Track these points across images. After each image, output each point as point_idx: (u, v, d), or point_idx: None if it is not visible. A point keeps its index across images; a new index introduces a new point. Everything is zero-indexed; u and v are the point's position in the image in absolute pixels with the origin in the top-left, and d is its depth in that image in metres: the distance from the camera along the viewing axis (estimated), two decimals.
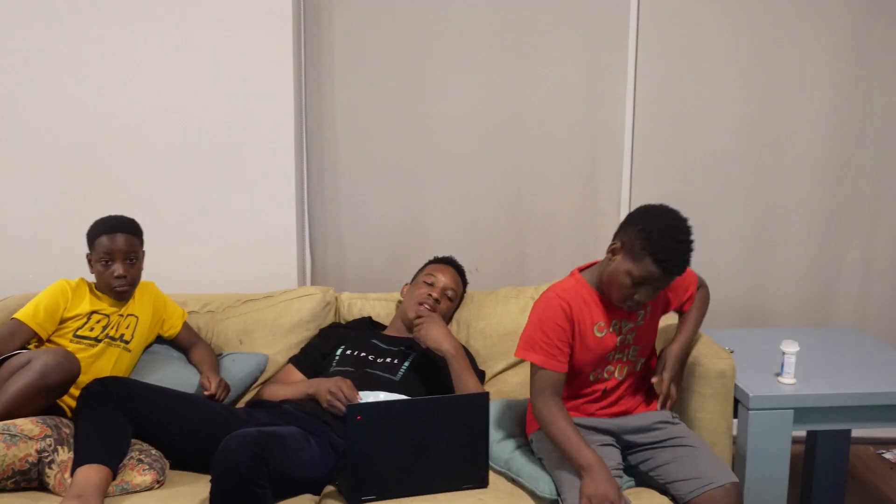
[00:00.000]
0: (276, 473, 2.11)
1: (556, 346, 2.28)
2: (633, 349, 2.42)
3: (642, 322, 2.41)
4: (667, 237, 2.19)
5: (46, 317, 2.59)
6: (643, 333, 2.43)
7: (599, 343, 2.34)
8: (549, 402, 2.28)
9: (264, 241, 3.29)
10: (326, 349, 2.82)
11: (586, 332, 2.32)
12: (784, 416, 2.47)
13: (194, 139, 3.21)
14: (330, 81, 3.41)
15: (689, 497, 2.20)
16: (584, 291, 2.35)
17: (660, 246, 2.17)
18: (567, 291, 2.34)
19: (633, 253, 2.20)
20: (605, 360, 2.38)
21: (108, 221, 2.67)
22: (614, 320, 2.35)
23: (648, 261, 2.18)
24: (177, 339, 2.87)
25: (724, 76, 3.45)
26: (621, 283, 2.23)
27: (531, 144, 3.49)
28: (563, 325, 2.29)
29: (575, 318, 2.30)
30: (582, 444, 2.21)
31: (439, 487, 2.28)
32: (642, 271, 2.19)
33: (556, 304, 2.31)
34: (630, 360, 2.42)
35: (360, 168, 3.48)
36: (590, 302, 2.34)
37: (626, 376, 2.43)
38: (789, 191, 3.53)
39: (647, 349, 2.47)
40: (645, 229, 2.21)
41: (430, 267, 2.96)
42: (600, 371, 2.40)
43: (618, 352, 2.38)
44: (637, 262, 2.20)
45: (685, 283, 2.49)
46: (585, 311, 2.33)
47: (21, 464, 2.21)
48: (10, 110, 3.16)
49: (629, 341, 2.40)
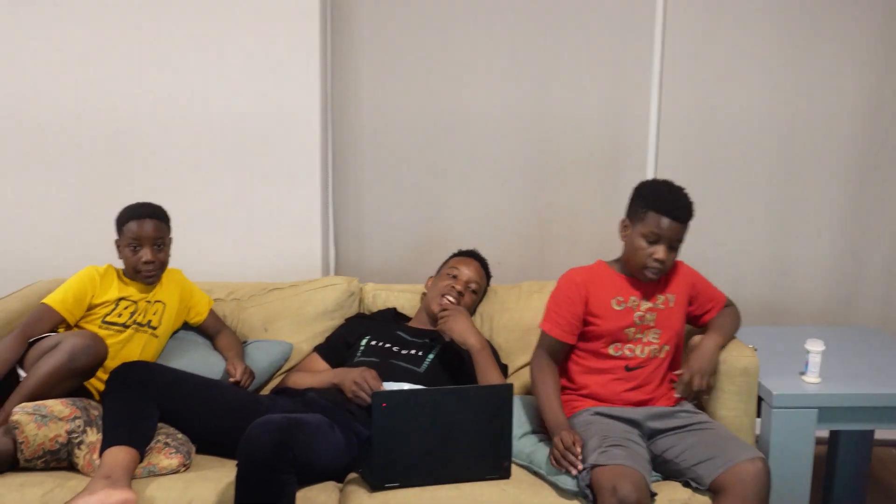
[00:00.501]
0: (300, 460, 2.13)
1: (564, 317, 2.48)
2: (654, 332, 2.48)
3: (662, 306, 2.49)
4: (660, 190, 2.44)
5: (75, 303, 2.62)
6: (664, 319, 2.49)
7: (618, 316, 2.47)
8: (542, 363, 2.49)
9: (289, 231, 3.31)
10: (351, 339, 2.83)
11: (605, 303, 2.47)
12: (808, 416, 2.47)
13: (222, 129, 3.24)
14: (356, 75, 3.42)
15: (716, 474, 2.19)
16: (605, 271, 2.53)
17: (655, 198, 2.41)
18: (585, 270, 2.55)
19: (637, 217, 2.43)
20: (624, 335, 2.47)
21: (136, 207, 2.70)
22: (633, 297, 2.48)
23: (651, 214, 2.39)
24: (203, 325, 2.90)
25: (750, 71, 3.44)
26: (638, 248, 2.42)
27: (555, 138, 3.50)
28: (574, 298, 2.48)
29: (590, 292, 2.48)
30: (557, 408, 2.40)
31: (462, 477, 2.29)
32: (650, 226, 2.39)
33: (570, 278, 2.52)
34: (651, 342, 2.48)
35: (384, 161, 3.50)
36: (609, 279, 2.51)
37: (649, 358, 2.48)
38: (814, 188, 3.53)
39: (670, 337, 2.51)
40: (639, 193, 2.47)
41: (454, 260, 2.97)
42: (621, 346, 2.48)
43: (637, 331, 2.47)
44: (642, 222, 2.41)
45: (707, 287, 2.62)
46: (604, 286, 2.50)
47: (51, 444, 2.24)
48: (41, 98, 3.19)
49: (649, 322, 2.48)
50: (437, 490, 2.25)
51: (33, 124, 3.20)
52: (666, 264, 2.41)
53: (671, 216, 2.38)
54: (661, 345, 2.50)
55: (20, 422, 2.22)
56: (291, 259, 3.32)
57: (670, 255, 2.41)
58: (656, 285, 2.52)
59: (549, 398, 2.43)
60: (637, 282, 2.50)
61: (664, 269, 2.43)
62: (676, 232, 2.40)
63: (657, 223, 2.38)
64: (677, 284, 2.54)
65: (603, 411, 2.43)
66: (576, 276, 2.52)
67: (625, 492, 2.07)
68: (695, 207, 2.43)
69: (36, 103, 3.19)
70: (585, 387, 2.51)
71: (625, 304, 2.48)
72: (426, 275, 3.07)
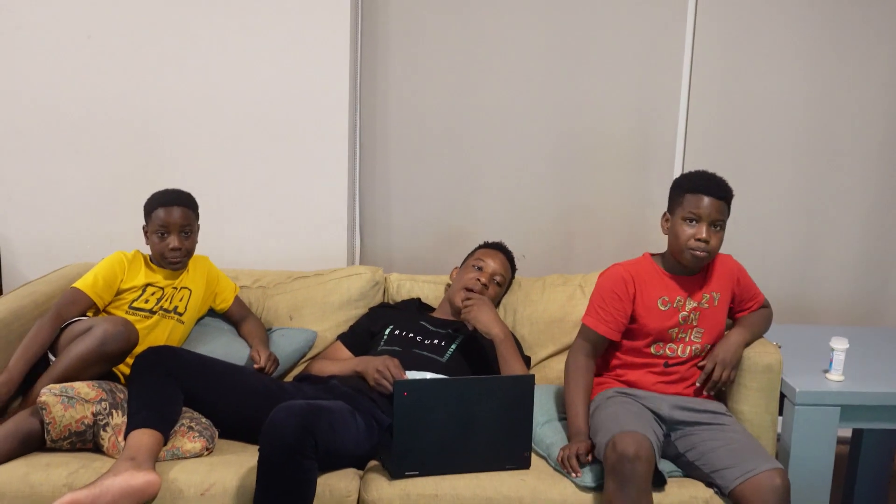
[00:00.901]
0: (322, 445, 2.14)
1: (610, 314, 2.45)
2: (697, 331, 2.48)
3: (707, 305, 2.47)
4: (695, 175, 2.44)
5: (105, 287, 2.65)
6: (708, 318, 2.48)
7: (663, 316, 2.45)
8: (580, 364, 2.46)
9: (316, 221, 3.34)
10: (375, 328, 2.85)
11: (651, 302, 2.45)
12: (830, 413, 2.45)
13: (250, 119, 3.26)
14: (384, 66, 3.43)
15: (734, 485, 2.20)
16: (651, 268, 2.50)
17: (690, 181, 2.42)
18: (633, 265, 2.51)
19: (676, 203, 2.43)
20: (668, 335, 2.46)
21: (165, 194, 2.73)
22: (678, 297, 2.46)
23: (688, 196, 2.39)
24: (228, 312, 2.92)
25: (780, 65, 3.41)
26: (681, 232, 2.40)
27: (583, 131, 3.49)
28: (621, 295, 2.45)
29: (638, 289, 2.46)
30: (582, 414, 2.39)
31: (482, 466, 2.31)
32: (689, 207, 2.38)
33: (618, 274, 2.49)
34: (694, 342, 2.48)
35: (410, 152, 3.51)
36: (655, 277, 2.48)
37: (691, 357, 2.48)
38: (843, 185, 3.50)
39: (713, 336, 2.50)
40: (676, 184, 2.47)
41: (480, 251, 2.97)
42: (662, 346, 2.48)
43: (681, 330, 2.46)
44: (682, 205, 2.40)
45: (750, 286, 2.59)
46: (650, 284, 2.47)
47: (77, 425, 2.27)
48: (72, 84, 3.23)
49: (692, 321, 2.47)
50: (456, 479, 2.26)
51: (63, 112, 3.24)
52: (710, 245, 2.37)
53: (708, 193, 2.36)
54: (703, 344, 2.48)
55: (47, 403, 2.25)
56: (317, 248, 3.34)
57: (714, 236, 2.38)
58: (701, 282, 2.48)
59: (576, 402, 2.41)
60: (683, 279, 2.47)
61: (709, 251, 2.38)
62: (717, 209, 2.36)
63: (695, 203, 2.36)
64: (723, 281, 2.51)
65: (627, 391, 2.46)
66: (623, 272, 2.48)
67: (623, 445, 2.11)
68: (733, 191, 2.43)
69: (64, 89, 3.23)
70: (621, 376, 2.52)
71: (670, 304, 2.46)
72: (451, 266, 3.08)
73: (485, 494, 2.23)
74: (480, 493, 2.23)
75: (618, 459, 2.11)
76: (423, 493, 2.23)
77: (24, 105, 3.23)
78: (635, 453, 2.10)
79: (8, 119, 3.24)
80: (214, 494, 2.19)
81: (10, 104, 3.23)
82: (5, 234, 3.31)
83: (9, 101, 3.23)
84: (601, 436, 2.25)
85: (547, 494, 2.25)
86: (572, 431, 2.39)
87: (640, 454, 2.10)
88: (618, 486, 2.11)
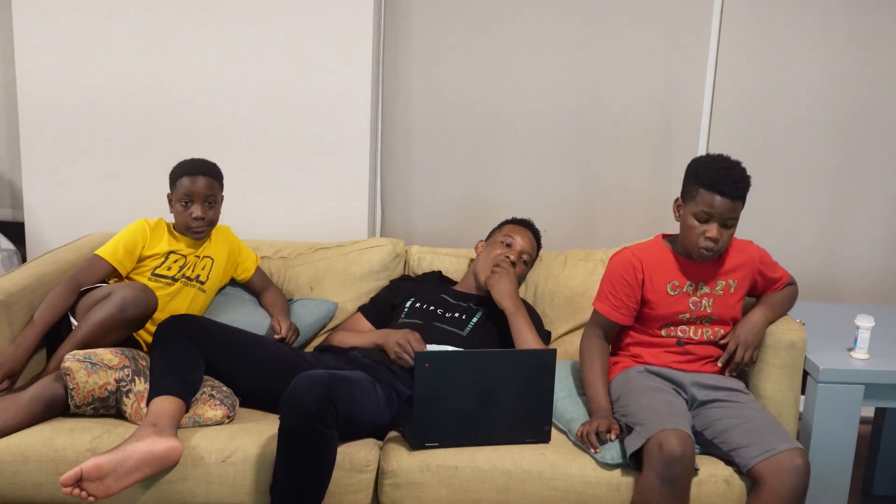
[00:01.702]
0: (342, 415, 2.14)
1: (619, 299, 2.44)
2: (710, 318, 2.44)
3: (722, 293, 2.43)
4: (712, 167, 2.32)
5: (126, 254, 2.66)
6: (723, 305, 2.44)
7: (672, 301, 2.41)
8: (593, 344, 2.47)
9: (337, 193, 3.33)
10: (396, 300, 2.85)
11: (660, 288, 2.41)
12: (854, 392, 2.43)
13: (274, 90, 3.25)
14: (407, 40, 3.41)
15: (753, 463, 2.18)
16: (662, 252, 2.45)
17: (706, 175, 2.31)
18: (643, 250, 2.46)
19: (690, 195, 2.34)
20: (678, 320, 2.43)
21: (190, 164, 2.73)
22: (689, 282, 2.42)
23: (703, 192, 2.30)
24: (249, 282, 2.93)
25: (809, 43, 3.37)
26: (690, 227, 2.34)
27: (606, 108, 3.46)
28: (630, 281, 2.42)
29: (647, 274, 2.42)
30: (602, 392, 2.39)
31: (501, 439, 2.31)
32: (701, 204, 2.30)
33: (627, 259, 2.45)
34: (704, 325, 2.45)
35: (432, 125, 3.49)
36: (665, 262, 2.44)
37: (703, 341, 2.46)
38: (870, 163, 3.46)
39: (726, 324, 2.47)
40: (691, 171, 2.38)
41: (508, 227, 2.95)
42: (674, 329, 2.45)
43: (693, 316, 2.43)
44: (695, 199, 2.32)
45: (774, 269, 2.53)
46: (659, 269, 2.42)
47: (101, 391, 2.29)
48: (96, 54, 3.22)
49: (706, 308, 2.43)
50: (476, 451, 2.27)
51: (86, 82, 3.24)
52: (720, 243, 2.33)
53: (722, 193, 2.27)
54: (714, 329, 2.46)
55: (71, 369, 2.27)
56: (338, 220, 3.34)
57: (724, 234, 2.32)
58: (717, 269, 2.44)
59: (595, 381, 2.41)
60: (695, 265, 2.43)
61: (718, 249, 2.34)
62: (729, 209, 2.29)
63: (708, 201, 2.29)
64: (741, 269, 2.46)
65: (651, 369, 2.44)
66: (632, 257, 2.44)
67: (671, 447, 2.08)
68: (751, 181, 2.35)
69: (89, 59, 3.23)
70: (637, 356, 2.50)
71: (679, 289, 2.42)
72: (472, 240, 3.07)
73: (504, 467, 2.24)
74: (500, 465, 2.24)
75: (666, 461, 2.08)
76: (442, 464, 2.23)
77: (48, 76, 3.23)
78: (682, 454, 2.09)
79: (31, 90, 3.25)
80: (235, 461, 2.21)
81: (33, 75, 3.23)
82: (29, 202, 3.33)
83: (32, 72, 3.23)
84: (640, 428, 2.20)
85: (566, 469, 2.24)
86: (593, 407, 2.38)
87: (686, 453, 2.10)
88: (663, 483, 2.09)
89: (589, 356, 2.46)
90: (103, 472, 2.03)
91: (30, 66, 3.23)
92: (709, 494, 2.23)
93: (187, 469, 2.20)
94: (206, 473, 2.20)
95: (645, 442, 2.15)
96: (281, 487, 2.13)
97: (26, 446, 2.21)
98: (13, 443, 2.21)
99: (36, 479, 2.20)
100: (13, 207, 3.59)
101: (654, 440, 2.12)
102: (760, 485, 2.16)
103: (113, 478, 2.05)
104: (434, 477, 2.22)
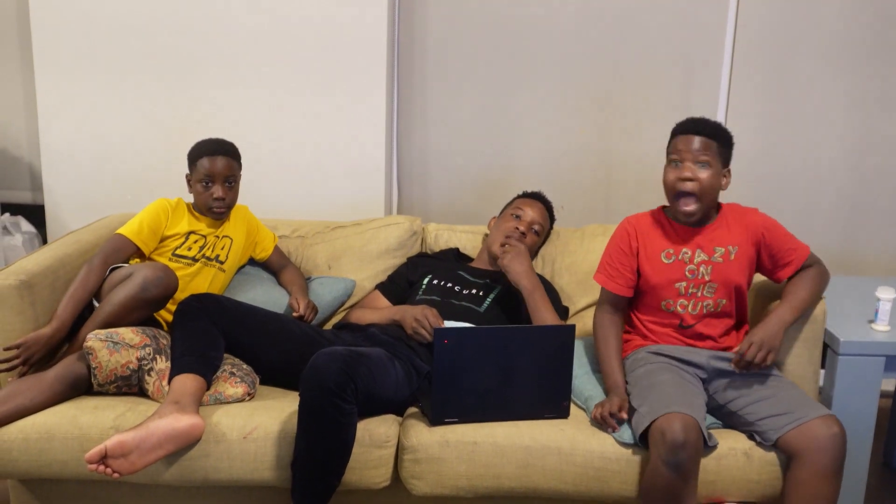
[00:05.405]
0: (362, 391, 2.16)
1: (616, 269, 2.44)
2: (710, 287, 2.37)
3: (720, 259, 2.37)
4: (683, 120, 2.38)
5: (149, 233, 2.68)
6: (721, 272, 2.36)
7: (667, 269, 2.39)
8: (605, 320, 2.46)
9: (353, 171, 3.34)
10: (413, 278, 2.86)
11: (654, 255, 2.40)
12: (875, 364, 2.42)
13: (289, 68, 3.25)
14: (423, 17, 3.40)
15: (784, 431, 2.15)
16: (658, 220, 2.45)
17: (677, 126, 2.37)
18: (638, 218, 2.48)
19: (667, 152, 2.38)
20: (675, 290, 2.39)
21: (210, 143, 2.73)
22: (684, 248, 2.39)
23: (671, 141, 2.36)
24: (268, 261, 2.94)
25: (832, 6, 3.33)
26: (665, 178, 2.36)
27: (624, 82, 3.44)
28: (625, 249, 2.43)
29: (640, 242, 2.43)
30: (616, 368, 2.38)
31: (520, 415, 2.31)
32: (672, 153, 2.34)
33: (622, 228, 2.48)
34: (706, 297, 2.38)
35: (449, 102, 3.49)
36: (660, 229, 2.43)
37: (703, 315, 2.40)
38: (892, 134, 3.41)
39: (727, 292, 2.38)
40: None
41: (519, 201, 2.95)
42: (672, 303, 2.40)
43: (691, 285, 2.38)
44: (668, 152, 2.37)
45: (786, 239, 2.39)
46: (653, 237, 2.43)
47: (123, 370, 2.32)
48: (114, 32, 3.23)
49: (703, 276, 2.37)
50: (495, 426, 2.28)
51: (104, 62, 3.26)
52: (699, 184, 2.28)
53: (685, 132, 2.32)
54: (715, 300, 2.38)
55: (94, 348, 2.29)
56: (355, 198, 3.34)
57: (700, 173, 2.28)
58: (713, 234, 2.37)
59: (609, 358, 2.41)
60: (691, 231, 2.38)
61: (699, 191, 2.28)
62: (702, 146, 2.28)
63: (674, 144, 2.34)
64: (743, 234, 2.37)
65: (662, 350, 2.40)
66: (628, 226, 2.45)
67: (673, 434, 2.06)
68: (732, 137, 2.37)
69: (106, 37, 3.24)
70: (647, 335, 2.47)
71: (674, 256, 2.38)
72: (488, 216, 3.07)
73: (523, 443, 2.24)
74: (519, 441, 2.24)
75: (669, 447, 2.05)
76: (461, 439, 2.24)
77: (65, 57, 3.25)
78: (685, 439, 2.05)
79: (50, 73, 3.26)
80: (256, 438, 2.23)
81: (51, 59, 3.25)
82: (49, 184, 3.36)
83: (50, 55, 3.25)
84: (645, 408, 2.19)
85: (585, 445, 2.25)
86: (609, 385, 2.38)
87: (690, 438, 2.06)
88: (668, 468, 2.07)
89: (602, 333, 2.46)
90: (127, 449, 2.06)
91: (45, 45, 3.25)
92: (728, 468, 2.23)
93: (209, 445, 2.22)
94: (228, 450, 2.23)
95: (649, 425, 2.13)
96: (302, 463, 2.16)
97: (52, 424, 2.24)
98: (39, 421, 2.25)
99: (62, 456, 2.23)
100: (33, 190, 3.62)
101: (657, 426, 2.10)
102: (796, 459, 2.12)
103: (137, 454, 2.08)
104: (453, 452, 2.23)
